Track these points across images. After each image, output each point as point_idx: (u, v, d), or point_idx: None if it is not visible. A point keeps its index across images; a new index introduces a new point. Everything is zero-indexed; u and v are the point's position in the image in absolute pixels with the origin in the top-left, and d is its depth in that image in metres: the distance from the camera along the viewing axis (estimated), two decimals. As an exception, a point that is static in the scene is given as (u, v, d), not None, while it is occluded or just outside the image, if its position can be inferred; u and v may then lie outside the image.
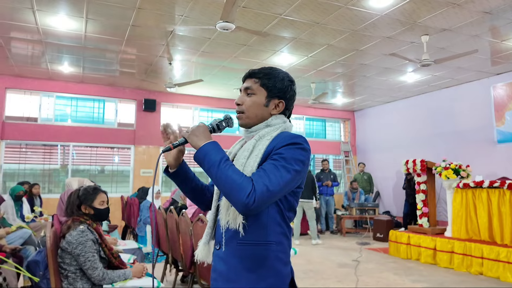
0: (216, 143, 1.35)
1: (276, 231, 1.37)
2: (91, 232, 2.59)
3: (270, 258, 1.35)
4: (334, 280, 5.06)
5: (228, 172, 1.25)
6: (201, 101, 10.36)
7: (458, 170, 6.04)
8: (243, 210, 1.22)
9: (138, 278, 2.71)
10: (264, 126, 1.48)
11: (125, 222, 7.89)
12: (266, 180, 1.24)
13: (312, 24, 5.65)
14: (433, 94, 9.59)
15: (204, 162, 1.31)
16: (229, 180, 1.24)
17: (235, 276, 1.35)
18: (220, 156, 1.30)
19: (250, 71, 1.53)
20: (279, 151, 1.33)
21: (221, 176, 1.26)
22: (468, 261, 5.50)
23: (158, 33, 6.05)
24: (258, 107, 1.48)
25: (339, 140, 12.39)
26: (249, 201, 1.20)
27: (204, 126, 1.40)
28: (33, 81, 8.67)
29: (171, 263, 4.42)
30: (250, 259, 1.34)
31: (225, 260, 1.39)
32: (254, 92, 1.49)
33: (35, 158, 8.78)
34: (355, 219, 9.50)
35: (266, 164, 1.31)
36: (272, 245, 1.36)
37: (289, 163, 1.30)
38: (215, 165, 1.28)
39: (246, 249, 1.35)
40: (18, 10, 5.24)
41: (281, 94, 1.52)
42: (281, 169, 1.28)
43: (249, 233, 1.34)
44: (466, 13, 5.26)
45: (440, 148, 9.02)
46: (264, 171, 1.28)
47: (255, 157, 1.36)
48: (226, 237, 1.39)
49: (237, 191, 1.22)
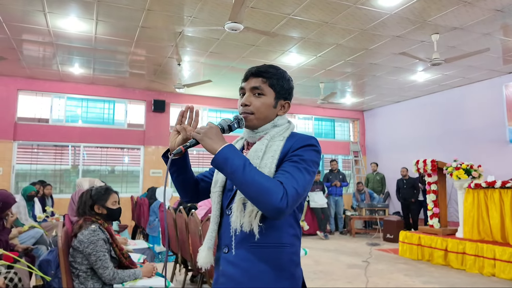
0: (234, 146, 1.31)
1: (289, 233, 1.35)
2: (102, 232, 2.61)
3: (284, 261, 1.33)
4: (344, 281, 5.04)
5: (255, 177, 1.22)
6: (209, 102, 10.39)
7: (469, 170, 5.97)
8: (275, 214, 1.20)
9: (148, 278, 2.72)
10: (271, 127, 1.45)
11: (135, 222, 7.95)
12: (294, 183, 1.23)
13: (321, 23, 5.63)
14: (443, 94, 9.48)
15: (226, 167, 1.26)
16: (257, 185, 1.20)
17: (248, 279, 1.31)
18: (243, 160, 1.25)
19: (256, 69, 1.47)
20: (297, 153, 1.32)
21: (247, 181, 1.22)
22: (480, 262, 5.43)
23: (167, 34, 6.09)
24: (268, 109, 1.44)
25: (348, 140, 12.32)
26: (283, 205, 1.18)
27: (217, 127, 1.35)
28: (45, 83, 8.79)
29: (180, 263, 4.44)
30: (264, 262, 1.31)
31: (236, 263, 1.34)
32: (263, 93, 1.44)
33: (46, 158, 8.90)
34: (364, 220, 9.44)
35: (288, 166, 1.29)
36: (286, 247, 1.34)
37: (309, 165, 1.30)
38: (239, 170, 1.23)
39: (260, 252, 1.32)
40: (30, 12, 5.31)
41: (287, 95, 1.49)
42: (304, 171, 1.28)
43: (263, 236, 1.31)
44: (478, 11, 5.20)
45: (451, 148, 8.92)
46: (289, 173, 1.26)
47: (271, 158, 1.33)
48: (237, 240, 1.35)
49: (268, 195, 1.18)
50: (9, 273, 2.95)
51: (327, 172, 9.88)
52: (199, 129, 1.35)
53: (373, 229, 9.26)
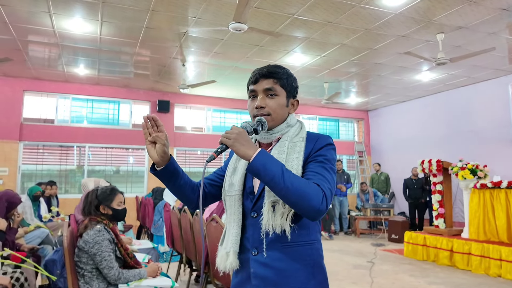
0: (265, 151, 1.31)
1: (316, 230, 1.43)
2: (107, 232, 2.62)
3: (315, 256, 1.39)
4: (349, 281, 5.02)
5: (294, 182, 1.25)
6: (214, 102, 10.41)
7: (475, 170, 5.93)
8: (316, 215, 1.26)
9: (153, 278, 2.73)
10: (286, 126, 1.47)
11: (140, 222, 7.98)
12: (327, 184, 1.30)
13: (325, 23, 5.62)
14: (449, 93, 9.43)
15: (265, 174, 1.26)
16: (298, 190, 1.24)
17: (283, 279, 1.34)
18: (280, 166, 1.27)
19: (266, 71, 1.46)
20: (321, 153, 1.38)
21: (288, 187, 1.24)
22: (486, 263, 5.39)
23: (172, 35, 6.11)
24: (282, 109, 1.47)
25: (353, 140, 12.29)
26: (323, 207, 1.25)
27: (245, 132, 1.33)
28: (50, 84, 8.85)
29: (185, 263, 4.45)
30: (298, 260, 1.36)
31: (270, 264, 1.35)
32: (277, 94, 1.45)
33: (52, 159, 8.95)
34: (369, 220, 9.40)
35: (317, 167, 1.35)
36: (315, 243, 1.41)
37: (332, 164, 1.38)
38: (278, 176, 1.24)
39: (293, 251, 1.36)
40: (35, 14, 5.35)
41: (295, 93, 1.53)
42: (331, 171, 1.36)
43: (294, 235, 1.36)
44: (483, 10, 5.17)
45: (456, 148, 8.87)
46: (320, 175, 1.32)
47: (297, 159, 1.37)
48: (268, 242, 1.36)
49: (309, 199, 1.23)
50: (16, 273, 2.97)
51: (332, 173, 9.82)
52: (227, 134, 1.31)
53: (378, 230, 9.22)
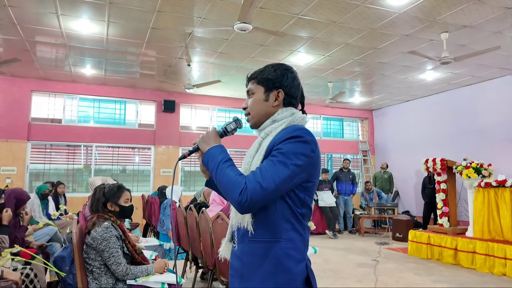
0: (221, 146, 1.39)
1: (286, 228, 1.35)
2: (115, 229, 2.68)
3: (280, 256, 1.33)
4: (353, 279, 5.05)
5: (225, 171, 1.29)
6: (219, 102, 10.46)
7: (479, 169, 5.92)
8: (238, 208, 1.26)
9: (160, 274, 2.78)
10: (270, 122, 1.47)
11: (146, 220, 8.06)
12: (259, 177, 1.25)
13: (329, 23, 5.65)
14: (453, 92, 9.41)
15: (209, 165, 1.36)
16: (225, 179, 1.28)
17: (247, 273, 1.38)
18: (221, 157, 1.33)
19: (247, 76, 1.58)
20: (278, 147, 1.32)
21: (220, 176, 1.30)
22: (491, 262, 5.40)
23: (177, 35, 6.16)
24: (259, 104, 1.50)
25: (357, 140, 12.29)
26: (241, 199, 1.23)
27: (214, 130, 1.46)
28: (57, 84, 8.95)
29: (191, 260, 4.50)
30: (261, 257, 1.35)
31: (239, 257, 1.42)
32: (253, 92, 1.53)
33: (59, 158, 9.06)
34: (373, 219, 9.41)
35: (265, 162, 1.32)
36: (281, 242, 1.34)
37: (288, 157, 1.29)
38: (216, 166, 1.33)
39: (257, 247, 1.36)
40: (43, 15, 5.43)
41: (278, 83, 1.49)
42: (278, 164, 1.27)
43: (258, 231, 1.36)
44: (488, 9, 5.17)
45: (461, 147, 8.84)
46: (259, 169, 1.29)
47: (258, 155, 1.37)
48: (239, 235, 1.43)
49: (232, 190, 1.25)
50: (25, 269, 3.04)
51: (337, 171, 9.85)
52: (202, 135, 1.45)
53: (382, 229, 9.23)
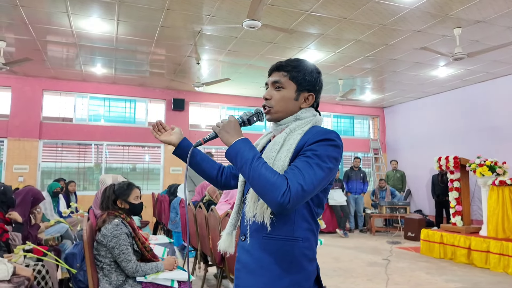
0: (248, 140, 1.34)
1: (303, 227, 1.34)
2: (125, 226, 2.68)
3: (296, 254, 1.32)
4: (364, 278, 5.00)
5: (261, 171, 1.23)
6: (228, 100, 10.46)
7: (493, 167, 5.82)
8: (278, 209, 1.21)
9: (170, 271, 2.78)
10: (293, 120, 1.44)
11: (156, 218, 8.10)
12: (300, 179, 1.22)
13: (339, 19, 5.59)
14: (466, 89, 9.26)
15: (236, 160, 1.30)
16: (263, 179, 1.22)
17: (259, 268, 1.34)
18: (253, 154, 1.27)
19: (277, 64, 1.49)
20: (311, 147, 1.29)
21: (254, 175, 1.24)
22: (505, 261, 5.29)
23: (186, 33, 6.16)
24: (288, 101, 1.44)
25: (368, 138, 12.19)
26: (284, 200, 1.18)
27: (235, 121, 1.39)
28: (68, 83, 9.03)
29: (199, 259, 4.50)
30: (276, 254, 1.33)
31: (250, 252, 1.38)
32: (283, 86, 1.45)
33: (70, 156, 9.15)
34: (385, 218, 9.31)
35: (299, 162, 1.28)
36: (299, 241, 1.33)
37: (323, 160, 1.27)
38: (248, 163, 1.26)
39: (272, 243, 1.33)
40: (54, 14, 5.47)
41: (311, 87, 1.48)
42: (315, 167, 1.25)
43: (275, 228, 1.33)
44: (501, 3, 5.06)
45: (474, 144, 8.69)
46: (298, 169, 1.25)
47: (286, 151, 1.32)
48: (251, 230, 1.38)
49: (271, 191, 1.19)
50: (37, 266, 3.07)
51: (348, 170, 9.78)
52: (218, 122, 1.39)
53: (394, 228, 9.13)
